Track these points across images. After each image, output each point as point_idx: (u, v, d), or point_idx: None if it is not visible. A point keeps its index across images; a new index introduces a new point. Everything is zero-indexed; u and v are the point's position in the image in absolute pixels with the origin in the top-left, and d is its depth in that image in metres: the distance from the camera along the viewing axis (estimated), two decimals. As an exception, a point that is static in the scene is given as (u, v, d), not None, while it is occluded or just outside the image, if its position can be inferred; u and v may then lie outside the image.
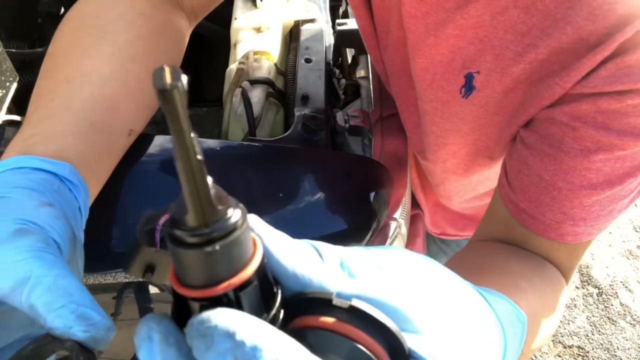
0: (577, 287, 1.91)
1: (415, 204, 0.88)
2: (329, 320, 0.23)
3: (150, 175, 0.54)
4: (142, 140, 0.53)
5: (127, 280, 0.50)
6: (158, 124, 0.65)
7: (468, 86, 0.55)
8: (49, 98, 0.44)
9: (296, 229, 0.53)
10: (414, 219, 0.89)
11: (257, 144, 0.62)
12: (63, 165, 0.40)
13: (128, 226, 0.51)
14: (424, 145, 0.70)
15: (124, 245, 0.50)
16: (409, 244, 0.87)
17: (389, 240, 0.66)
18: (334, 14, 1.05)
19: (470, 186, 0.75)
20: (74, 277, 0.31)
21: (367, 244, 0.59)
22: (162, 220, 0.31)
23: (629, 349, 1.80)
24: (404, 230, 0.72)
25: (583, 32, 0.45)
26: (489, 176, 0.71)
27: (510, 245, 0.57)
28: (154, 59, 0.51)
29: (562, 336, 1.81)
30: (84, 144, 0.43)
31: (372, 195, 0.60)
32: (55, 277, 0.30)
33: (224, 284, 0.21)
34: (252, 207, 0.58)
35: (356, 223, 0.57)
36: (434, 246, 1.00)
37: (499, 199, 0.58)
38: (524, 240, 0.56)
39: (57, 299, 0.29)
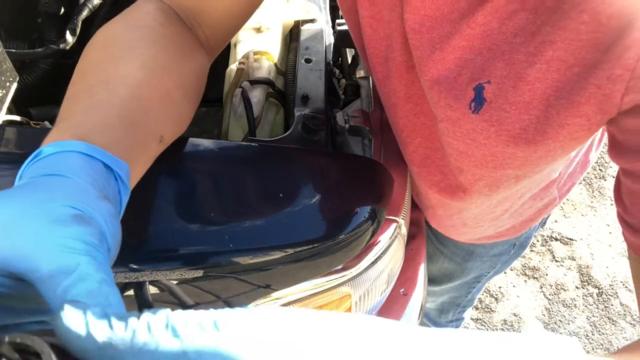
0: (577, 287, 1.91)
1: (415, 204, 0.88)
2: None
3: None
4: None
5: (127, 281, 0.50)
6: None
7: (478, 99, 0.51)
8: (88, 95, 0.44)
9: (295, 230, 0.53)
10: (414, 219, 0.89)
11: (257, 144, 0.62)
12: (122, 164, 0.38)
13: (128, 226, 0.51)
14: (439, 175, 0.67)
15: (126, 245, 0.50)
16: (409, 244, 0.87)
17: (389, 241, 0.66)
18: (334, 14, 1.05)
19: (489, 208, 0.72)
20: (116, 287, 0.29)
21: (366, 245, 0.59)
22: None
23: (629, 349, 1.80)
24: (404, 230, 0.72)
25: (602, 17, 0.41)
26: (509, 196, 0.68)
27: None
28: (180, 73, 0.51)
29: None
30: (128, 140, 0.42)
31: (372, 195, 0.60)
32: (101, 281, 0.28)
33: None
34: (251, 207, 0.57)
35: (356, 224, 0.57)
36: (431, 246, 1.00)
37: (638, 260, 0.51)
38: None
39: (96, 305, 0.27)
